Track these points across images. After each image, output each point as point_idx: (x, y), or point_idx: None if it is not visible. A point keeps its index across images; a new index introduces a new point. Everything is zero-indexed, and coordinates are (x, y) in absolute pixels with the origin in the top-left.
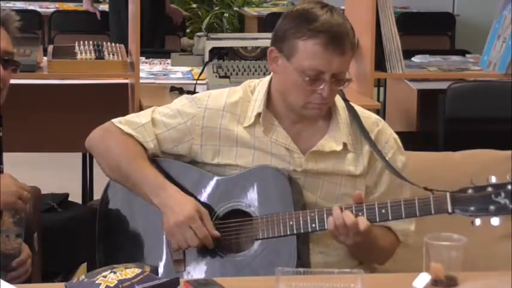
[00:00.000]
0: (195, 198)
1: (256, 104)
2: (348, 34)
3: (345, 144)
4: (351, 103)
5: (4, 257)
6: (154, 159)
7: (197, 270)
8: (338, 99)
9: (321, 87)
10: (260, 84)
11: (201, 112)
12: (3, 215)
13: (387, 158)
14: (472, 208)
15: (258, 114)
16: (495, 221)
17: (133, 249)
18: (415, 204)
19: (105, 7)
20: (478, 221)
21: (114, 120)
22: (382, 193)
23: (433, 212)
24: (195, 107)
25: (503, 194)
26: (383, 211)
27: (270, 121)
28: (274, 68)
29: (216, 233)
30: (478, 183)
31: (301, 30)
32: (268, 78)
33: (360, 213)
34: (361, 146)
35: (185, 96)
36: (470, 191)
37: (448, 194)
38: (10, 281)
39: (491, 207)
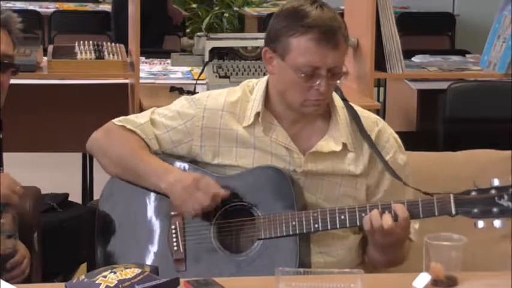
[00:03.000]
0: None
1: (255, 103)
2: (339, 27)
3: (344, 144)
4: (350, 103)
5: None
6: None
7: (198, 270)
8: (337, 99)
9: (318, 82)
10: (258, 84)
11: (201, 112)
12: None
13: (388, 157)
14: (475, 210)
15: (257, 114)
16: (497, 223)
17: (133, 249)
18: (419, 206)
19: (104, 7)
20: (480, 223)
21: (114, 120)
22: (384, 192)
23: (436, 213)
24: (194, 108)
25: (506, 197)
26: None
27: (269, 120)
28: (270, 69)
29: (224, 191)
30: (479, 184)
31: (293, 28)
32: (266, 77)
33: (363, 214)
34: (361, 145)
35: (184, 97)
36: (473, 193)
37: (451, 195)
38: (6, 281)
39: (495, 210)
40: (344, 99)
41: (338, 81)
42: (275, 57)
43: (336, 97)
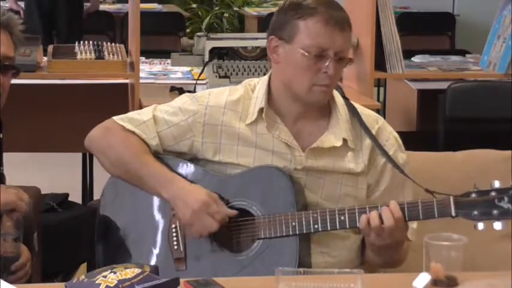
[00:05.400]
0: None
1: (258, 100)
2: (345, 12)
3: (344, 140)
4: (350, 101)
5: (3, 260)
6: (157, 157)
7: (198, 270)
8: (337, 97)
9: (326, 64)
10: (260, 83)
11: (203, 109)
12: (2, 218)
13: (389, 154)
14: (475, 212)
15: (261, 110)
16: (497, 225)
17: (133, 249)
18: (419, 208)
19: (105, 7)
20: (480, 225)
21: (115, 118)
22: (384, 190)
23: (436, 215)
24: (196, 104)
25: (506, 199)
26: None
27: (272, 118)
28: (275, 58)
29: (232, 211)
30: (479, 185)
31: (300, 12)
32: (267, 76)
33: (363, 215)
34: (361, 143)
35: (186, 94)
36: (473, 195)
37: (451, 198)
38: (10, 283)
39: (495, 212)
40: (344, 97)
41: (344, 66)
42: (281, 44)
43: (337, 94)
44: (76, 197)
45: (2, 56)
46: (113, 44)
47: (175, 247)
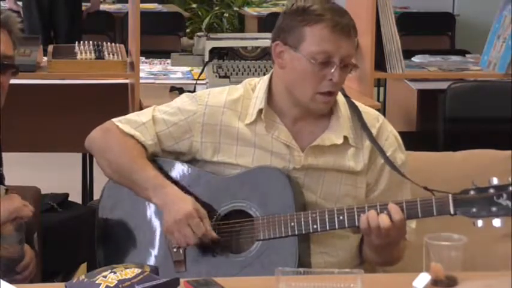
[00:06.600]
0: (196, 198)
1: (258, 101)
2: (350, 18)
3: (345, 138)
4: (351, 99)
5: (8, 262)
6: (154, 159)
7: (197, 272)
8: (339, 95)
9: (332, 71)
10: (261, 82)
11: (202, 109)
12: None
13: (387, 155)
14: (474, 210)
15: (260, 111)
16: (497, 222)
17: (133, 250)
18: (417, 206)
19: (105, 7)
20: (479, 223)
21: (115, 120)
22: (382, 190)
23: (435, 213)
24: (195, 104)
25: (505, 196)
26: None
27: (272, 118)
28: (280, 63)
29: (214, 235)
30: (479, 184)
31: (307, 18)
32: (268, 76)
33: (362, 215)
34: (362, 141)
35: (185, 94)
36: (472, 192)
37: (450, 195)
38: (16, 284)
39: (493, 209)
40: (346, 96)
41: (349, 74)
42: (286, 49)
43: (338, 93)
44: (76, 197)
45: (1, 55)
46: (113, 44)
47: (175, 249)
